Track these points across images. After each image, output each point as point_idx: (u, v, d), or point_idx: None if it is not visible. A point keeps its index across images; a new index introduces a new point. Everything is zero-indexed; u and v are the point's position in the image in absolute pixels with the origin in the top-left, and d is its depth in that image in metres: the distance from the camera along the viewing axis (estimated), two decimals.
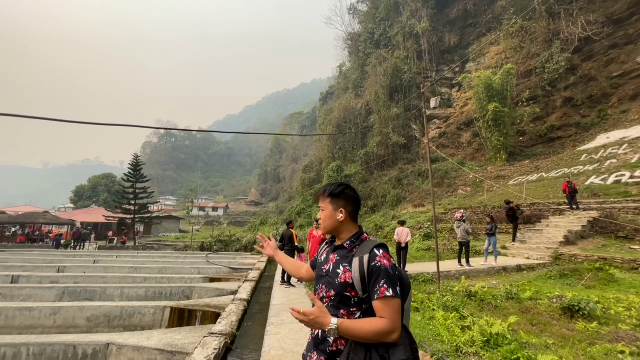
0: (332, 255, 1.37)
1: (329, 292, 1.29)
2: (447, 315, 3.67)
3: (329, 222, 1.40)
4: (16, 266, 11.17)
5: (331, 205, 1.41)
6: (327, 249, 1.46)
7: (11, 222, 28.60)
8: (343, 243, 1.37)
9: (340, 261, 1.31)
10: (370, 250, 1.25)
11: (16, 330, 5.49)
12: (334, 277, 1.29)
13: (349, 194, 1.42)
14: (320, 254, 1.47)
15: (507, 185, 18.76)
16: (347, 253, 1.32)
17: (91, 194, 55.03)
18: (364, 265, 1.23)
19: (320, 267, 1.39)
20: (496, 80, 22.23)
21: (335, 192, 1.42)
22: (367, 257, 1.24)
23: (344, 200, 1.40)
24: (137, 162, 27.02)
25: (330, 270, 1.32)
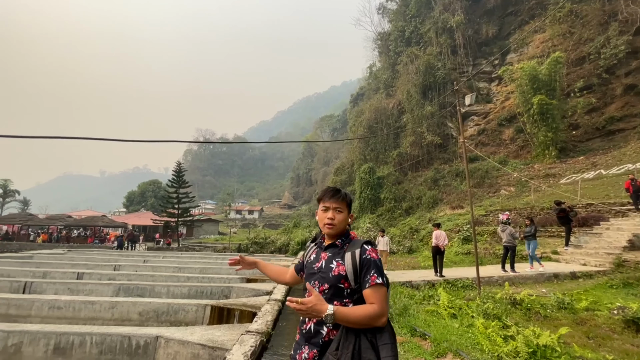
0: (324, 253, 1.48)
1: (322, 286, 1.39)
2: (488, 323, 3.46)
3: (344, 224, 1.52)
4: (81, 264, 12.54)
5: (347, 209, 1.54)
6: (315, 249, 1.57)
7: (76, 225, 32.16)
8: (336, 242, 1.50)
9: (333, 257, 1.44)
10: (360, 246, 1.42)
11: (82, 321, 6.17)
12: (327, 272, 1.40)
13: (352, 200, 1.62)
14: (309, 255, 1.57)
15: (558, 185, 17.18)
16: (339, 250, 1.46)
17: (140, 199, 60.03)
18: (356, 258, 1.38)
19: (312, 266, 1.49)
20: (543, 71, 20.50)
21: (350, 198, 1.59)
22: (358, 251, 1.39)
23: (350, 206, 1.58)
24: (180, 170, 29.00)
25: (323, 267, 1.43)
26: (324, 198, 1.54)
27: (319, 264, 1.46)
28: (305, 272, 1.54)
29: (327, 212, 1.50)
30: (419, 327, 3.46)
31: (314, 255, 1.53)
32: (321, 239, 1.58)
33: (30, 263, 12.81)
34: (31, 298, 6.57)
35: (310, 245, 1.63)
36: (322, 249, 1.51)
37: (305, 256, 1.62)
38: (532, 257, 8.21)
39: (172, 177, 29.13)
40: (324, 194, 1.56)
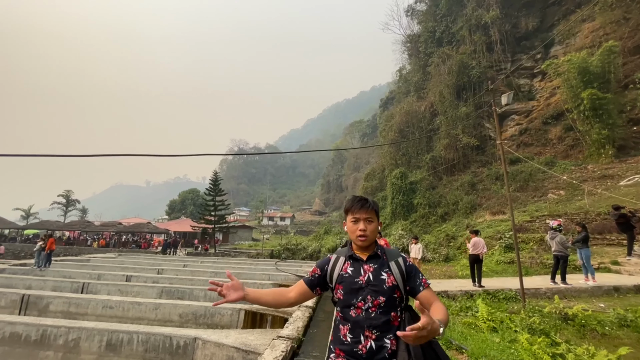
0: (367, 266, 1.43)
1: (377, 300, 1.34)
2: (534, 339, 3.18)
3: (375, 234, 1.50)
4: (129, 267, 13.60)
5: (377, 217, 1.52)
6: (348, 262, 1.48)
7: (125, 231, 35.04)
8: (376, 252, 1.48)
9: (380, 268, 1.42)
10: (399, 254, 1.48)
11: (130, 320, 6.68)
12: (380, 284, 1.37)
13: (379, 208, 1.58)
14: (341, 268, 1.47)
15: (617, 187, 15.43)
16: (382, 261, 1.45)
17: (181, 207, 63.93)
18: (402, 266, 1.43)
19: (353, 281, 1.40)
20: (594, 62, 18.71)
21: (378, 205, 1.56)
22: (402, 260, 1.45)
23: (379, 214, 1.55)
24: (216, 179, 30.53)
25: (372, 280, 1.38)
26: (353, 209, 1.49)
27: (363, 277, 1.40)
28: (342, 288, 1.42)
29: (357, 223, 1.47)
30: (454, 340, 3.27)
31: (352, 269, 1.44)
32: (351, 250, 1.51)
33: (88, 266, 14.16)
34: (88, 298, 7.25)
35: (337, 258, 1.52)
36: (359, 261, 1.45)
37: (328, 270, 1.50)
38: (587, 267, 7.41)
39: (209, 186, 30.74)
40: (352, 204, 1.51)
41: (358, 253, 1.49)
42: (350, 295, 1.38)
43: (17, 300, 7.44)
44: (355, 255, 1.48)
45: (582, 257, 7.43)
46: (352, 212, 1.50)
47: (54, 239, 13.84)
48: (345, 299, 1.40)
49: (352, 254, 1.49)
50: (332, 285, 1.48)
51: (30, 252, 16.07)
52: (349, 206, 1.52)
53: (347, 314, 1.38)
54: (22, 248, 27.12)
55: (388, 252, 1.49)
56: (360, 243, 1.45)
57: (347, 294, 1.39)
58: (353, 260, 1.47)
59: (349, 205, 1.53)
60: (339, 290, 1.43)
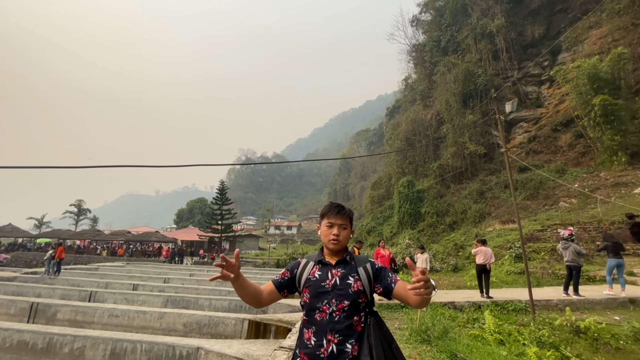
0: (335, 270, 1.46)
1: (341, 304, 1.37)
2: (543, 353, 3.06)
3: (347, 240, 1.54)
4: (136, 276, 13.70)
5: (350, 225, 1.57)
6: (317, 266, 1.51)
7: (134, 240, 35.44)
8: (345, 258, 1.52)
9: (348, 273, 1.45)
10: (368, 260, 1.53)
11: (134, 329, 6.70)
12: (346, 288, 1.40)
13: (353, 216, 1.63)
14: (309, 272, 1.49)
15: (631, 195, 15.01)
16: (350, 266, 1.49)
17: (189, 216, 64.49)
18: (370, 271, 1.47)
19: (320, 284, 1.43)
20: (604, 69, 18.49)
21: (352, 214, 1.61)
22: (369, 265, 1.50)
23: (352, 222, 1.60)
24: (223, 188, 30.80)
25: (339, 284, 1.41)
26: (329, 214, 1.54)
27: (330, 281, 1.43)
28: (309, 291, 1.44)
29: (332, 228, 1.51)
30: (460, 353, 3.17)
31: (319, 273, 1.47)
32: (321, 255, 1.55)
33: (96, 274, 14.32)
34: (94, 306, 7.32)
35: (307, 262, 1.55)
36: (328, 266, 1.48)
37: (297, 273, 1.52)
38: (607, 276, 7.15)
39: (216, 195, 31.00)
40: (329, 210, 1.55)
41: (328, 258, 1.52)
42: (316, 299, 1.40)
43: (27, 308, 7.55)
44: (325, 260, 1.51)
45: (607, 267, 7.21)
46: (327, 217, 1.53)
47: (64, 248, 14.09)
48: (311, 302, 1.41)
49: (321, 258, 1.52)
50: (300, 288, 1.50)
51: (42, 261, 16.40)
52: (326, 211, 1.56)
53: (311, 317, 1.40)
54: (34, 256, 27.64)
55: (357, 258, 1.53)
56: (332, 247, 1.49)
57: (313, 297, 1.41)
58: (322, 265, 1.50)
59: (325, 211, 1.57)
60: (305, 293, 1.45)
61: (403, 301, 1.40)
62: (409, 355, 3.33)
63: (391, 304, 6.73)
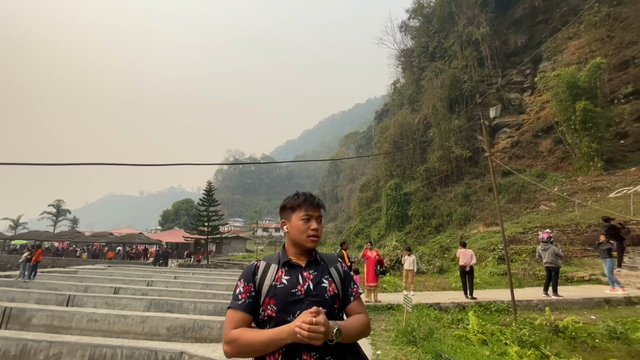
0: (306, 272, 1.22)
1: None
2: (524, 352, 3.15)
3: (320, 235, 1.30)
4: (118, 279, 13.27)
5: (321, 217, 1.33)
6: (282, 269, 1.22)
7: (116, 241, 34.38)
8: (315, 257, 1.29)
9: (321, 275, 1.23)
10: (337, 259, 1.34)
11: (115, 334, 6.48)
12: (322, 293, 1.18)
13: None
14: (274, 278, 1.20)
15: (606, 199, 15.68)
16: (321, 267, 1.27)
17: (174, 217, 63.14)
18: (341, 272, 1.30)
19: (289, 292, 1.15)
20: (582, 78, 19.32)
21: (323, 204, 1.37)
22: (340, 265, 1.32)
23: None
24: (210, 189, 30.32)
25: (312, 289, 1.17)
26: (304, 205, 1.27)
27: (302, 286, 1.17)
28: (275, 302, 1.14)
29: (309, 221, 1.26)
30: (444, 353, 3.23)
31: (287, 278, 1.19)
32: (285, 255, 1.28)
33: (75, 277, 13.79)
34: (72, 311, 7.04)
35: (267, 266, 1.24)
36: (297, 268, 1.22)
37: (257, 281, 1.20)
38: (611, 278, 7.44)
39: (203, 196, 30.49)
40: (303, 201, 1.29)
41: (295, 259, 1.25)
42: (285, 311, 1.12)
43: None
44: (293, 261, 1.24)
45: (606, 267, 7.53)
46: (302, 208, 1.27)
47: (42, 250, 13.52)
48: (278, 315, 1.12)
49: (288, 259, 1.24)
50: (260, 300, 1.17)
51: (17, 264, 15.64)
52: (300, 202, 1.29)
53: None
54: (9, 259, 26.39)
55: (326, 257, 1.32)
56: (312, 244, 1.25)
57: (282, 309, 1.13)
58: (289, 268, 1.22)
59: (299, 202, 1.29)
60: (269, 305, 1.14)
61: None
62: (395, 356, 3.36)
63: (378, 305, 6.77)
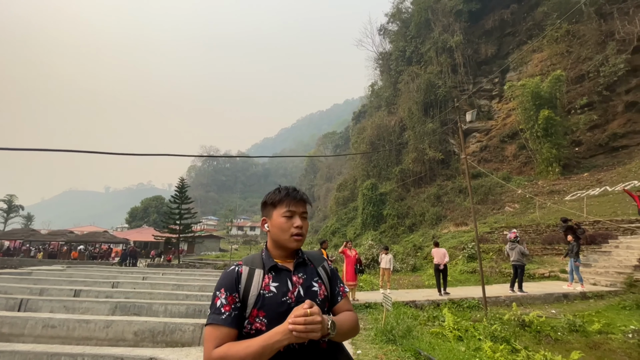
0: (295, 277, 1.11)
1: None
2: (496, 347, 3.29)
3: (306, 234, 1.19)
4: (79, 281, 12.34)
5: (306, 213, 1.21)
6: (269, 275, 1.09)
7: (77, 240, 32.04)
8: (303, 257, 1.18)
9: (310, 278, 1.13)
10: (323, 257, 1.25)
11: (75, 341, 5.99)
12: (314, 298, 1.08)
13: None
14: (261, 285, 1.06)
15: (563, 202, 16.96)
16: (309, 268, 1.18)
17: (143, 215, 60.06)
18: (328, 271, 1.23)
19: (280, 301, 1.04)
20: (544, 88, 20.76)
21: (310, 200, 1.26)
22: (326, 264, 1.24)
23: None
24: (183, 185, 29.13)
25: (303, 294, 1.07)
26: (286, 200, 1.15)
27: (292, 292, 1.06)
28: (265, 314, 1.02)
29: (292, 218, 1.13)
30: (423, 351, 3.30)
31: (276, 284, 1.07)
32: (270, 258, 1.14)
33: (29, 280, 12.63)
34: (25, 316, 6.42)
35: (251, 272, 1.09)
36: (285, 272, 1.10)
37: (242, 291, 1.05)
38: (578, 275, 8.01)
39: (175, 193, 29.23)
40: (285, 195, 1.16)
41: (281, 261, 1.13)
42: (278, 323, 0.97)
43: None
44: (280, 265, 1.11)
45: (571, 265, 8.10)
46: (286, 203, 1.14)
47: None
48: (269, 329, 0.98)
49: (275, 263, 1.11)
50: (247, 311, 1.04)
51: None
52: (282, 197, 1.16)
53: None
54: None
55: (312, 257, 1.22)
56: (296, 245, 1.12)
57: (272, 321, 0.99)
58: (276, 273, 1.10)
59: (281, 197, 1.17)
60: (258, 318, 1.02)
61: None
62: (376, 355, 3.38)
63: (355, 304, 6.82)
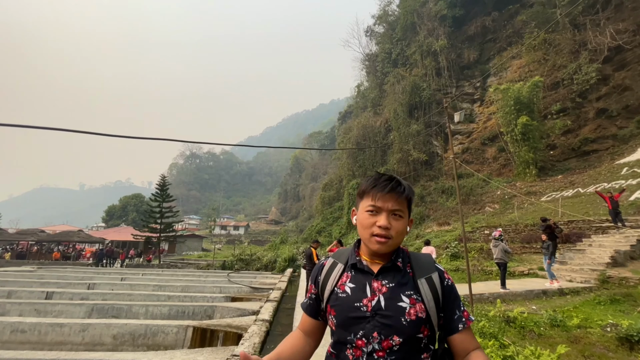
0: (377, 282, 0.93)
1: (387, 340, 0.86)
2: (485, 343, 3.36)
3: (402, 237, 0.96)
4: (51, 283, 11.69)
5: (408, 212, 0.98)
6: (349, 273, 0.98)
7: (49, 240, 30.38)
8: (395, 262, 0.96)
9: (400, 289, 0.91)
10: (435, 267, 0.97)
11: (47, 346, 5.64)
12: (397, 315, 0.87)
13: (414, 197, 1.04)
14: (335, 282, 0.98)
15: (539, 202, 17.69)
16: (403, 276, 0.94)
17: (121, 213, 57.77)
18: (437, 287, 0.93)
19: (352, 305, 0.91)
20: (523, 93, 21.60)
21: (413, 194, 1.02)
22: (437, 276, 0.95)
23: (411, 207, 1.01)
24: (164, 183, 28.22)
25: (382, 307, 0.89)
26: (374, 191, 0.95)
27: (370, 301, 0.90)
28: (335, 313, 0.93)
29: (378, 215, 0.94)
30: None
31: (352, 285, 0.94)
32: (356, 254, 1.00)
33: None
34: None
35: (333, 265, 1.02)
36: (366, 275, 0.95)
37: (320, 282, 1.01)
38: (549, 272, 8.34)
39: (155, 191, 28.26)
40: (375, 183, 0.97)
41: (366, 260, 0.98)
42: (346, 329, 0.90)
43: None
44: (362, 263, 0.97)
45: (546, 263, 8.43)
46: (372, 196, 0.96)
47: None
48: (338, 332, 0.91)
49: (356, 261, 0.98)
50: (324, 305, 0.99)
51: None
52: (371, 185, 0.98)
53: (341, 352, 0.91)
54: None
55: (415, 262, 0.97)
56: (377, 247, 0.93)
57: (342, 325, 0.91)
58: (356, 272, 0.97)
59: (369, 185, 0.98)
60: (330, 316, 0.95)
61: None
62: None
63: None
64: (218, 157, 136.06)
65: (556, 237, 9.08)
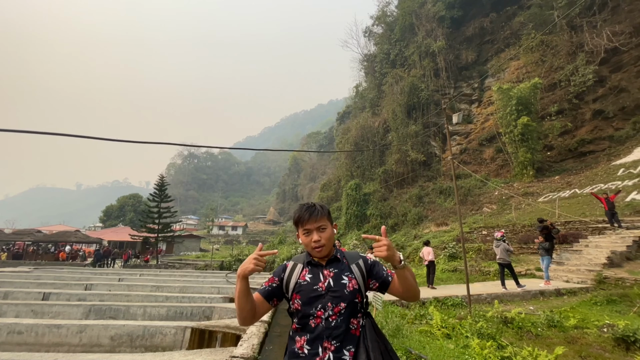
0: (327, 271, 1.37)
1: (337, 307, 1.29)
2: (484, 344, 3.37)
3: (332, 240, 1.42)
4: (48, 283, 11.61)
5: (329, 222, 1.44)
6: (306, 268, 1.40)
7: (46, 240, 30.20)
8: (336, 255, 1.42)
9: (341, 272, 1.36)
10: (360, 256, 1.46)
11: (44, 348, 5.60)
12: (342, 289, 1.31)
13: (329, 210, 1.51)
14: (298, 276, 1.39)
15: (537, 203, 17.79)
16: (342, 264, 1.40)
17: (119, 213, 57.51)
18: (362, 267, 1.41)
19: (312, 288, 1.33)
20: (524, 94, 21.68)
21: (327, 208, 1.47)
22: (362, 261, 1.43)
23: (330, 216, 1.48)
24: (163, 183, 28.13)
25: (332, 285, 1.32)
26: (302, 221, 1.40)
27: (323, 283, 1.33)
28: (300, 297, 1.33)
29: (310, 234, 1.38)
30: (414, 349, 3.32)
31: (310, 276, 1.37)
32: (309, 255, 1.44)
33: None
34: None
35: (294, 265, 1.44)
36: (319, 267, 1.39)
37: (285, 278, 1.41)
38: (546, 273, 8.35)
39: (153, 191, 28.16)
40: (300, 216, 1.41)
41: (317, 259, 1.42)
42: (309, 305, 1.30)
43: None
44: (314, 260, 1.41)
45: (543, 263, 8.46)
46: (302, 224, 1.41)
47: None
48: (303, 309, 1.31)
49: (310, 259, 1.42)
50: (289, 295, 1.38)
51: None
52: (298, 218, 1.42)
53: (305, 324, 1.30)
54: None
55: (348, 255, 1.46)
56: (319, 254, 1.38)
57: (306, 303, 1.31)
58: (312, 267, 1.40)
59: (297, 218, 1.43)
60: (296, 300, 1.34)
61: (397, 295, 1.38)
62: None
63: None
64: (216, 157, 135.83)
65: (553, 237, 9.13)
